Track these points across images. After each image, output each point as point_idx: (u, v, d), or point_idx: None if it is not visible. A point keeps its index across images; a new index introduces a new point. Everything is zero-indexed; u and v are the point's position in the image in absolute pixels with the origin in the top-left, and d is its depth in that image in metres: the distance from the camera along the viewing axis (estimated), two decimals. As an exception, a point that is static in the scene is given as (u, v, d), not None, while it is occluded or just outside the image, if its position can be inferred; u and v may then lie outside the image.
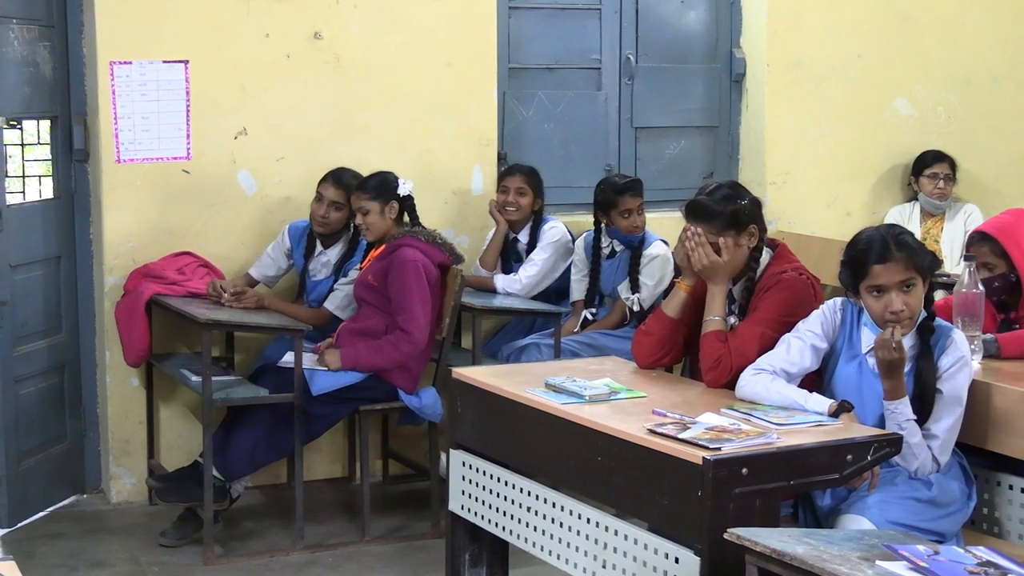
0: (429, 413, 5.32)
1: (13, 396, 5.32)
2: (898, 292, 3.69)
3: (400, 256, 5.20)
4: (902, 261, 3.70)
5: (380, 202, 5.31)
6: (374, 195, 5.32)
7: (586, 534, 3.65)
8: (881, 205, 6.92)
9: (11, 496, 5.34)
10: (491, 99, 6.20)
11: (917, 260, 3.73)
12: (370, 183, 5.37)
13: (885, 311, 3.69)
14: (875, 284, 3.71)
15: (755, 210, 4.12)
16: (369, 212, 5.31)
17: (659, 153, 6.82)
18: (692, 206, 4.11)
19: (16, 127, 5.97)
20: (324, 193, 5.56)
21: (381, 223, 5.32)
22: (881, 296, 3.71)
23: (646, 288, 5.77)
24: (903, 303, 3.69)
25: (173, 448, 5.77)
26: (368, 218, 5.32)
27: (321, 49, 5.88)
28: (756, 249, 4.10)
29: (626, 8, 6.67)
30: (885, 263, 3.70)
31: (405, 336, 5.14)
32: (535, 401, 3.84)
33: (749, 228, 4.07)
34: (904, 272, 3.70)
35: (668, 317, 4.18)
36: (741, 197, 4.10)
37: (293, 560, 5.13)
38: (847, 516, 3.57)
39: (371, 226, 5.32)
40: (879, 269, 3.70)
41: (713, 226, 4.03)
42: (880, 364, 3.68)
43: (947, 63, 7.01)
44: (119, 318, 5.51)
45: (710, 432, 3.40)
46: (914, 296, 3.71)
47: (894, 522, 3.55)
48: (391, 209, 5.32)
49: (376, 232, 5.33)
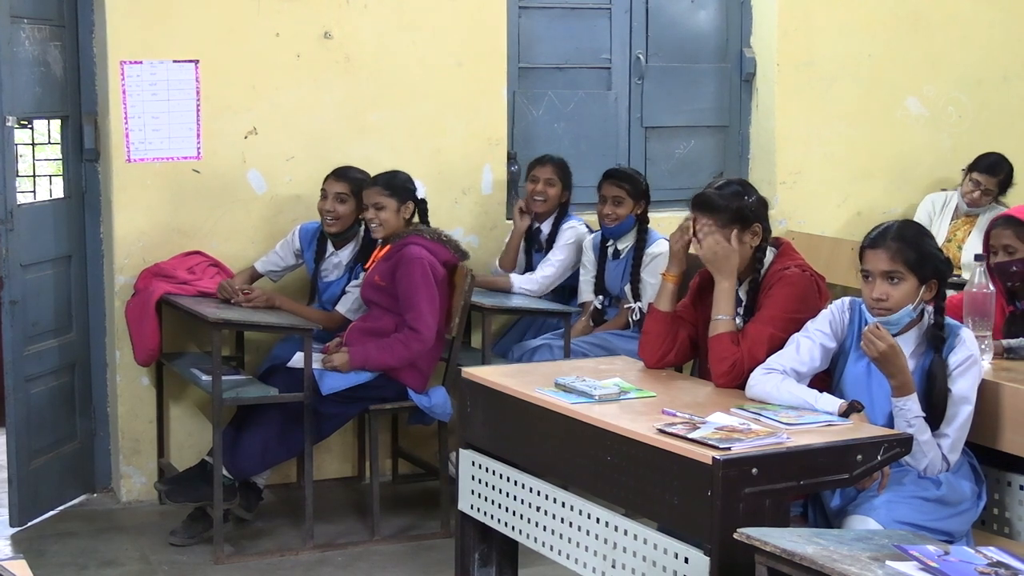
0: (439, 412, 5.31)
1: (24, 395, 5.33)
2: (882, 280, 3.71)
3: (406, 254, 5.19)
4: (891, 251, 3.71)
5: (397, 200, 5.30)
6: (392, 192, 5.30)
7: (596, 534, 3.65)
8: (892, 205, 6.90)
9: (22, 495, 5.35)
10: (501, 99, 6.20)
11: (909, 257, 3.71)
12: (390, 180, 5.33)
13: (870, 296, 3.73)
14: (863, 268, 3.77)
15: (761, 209, 4.12)
16: (385, 208, 5.28)
17: (669, 153, 6.82)
18: (700, 198, 4.12)
19: (27, 127, 5.99)
20: (328, 189, 5.56)
21: (394, 221, 5.30)
22: (867, 283, 3.76)
23: (649, 287, 5.75)
24: (884, 292, 3.71)
25: (183, 447, 5.78)
26: (382, 214, 5.28)
27: (331, 49, 5.89)
28: (760, 249, 4.09)
29: (636, 8, 6.67)
30: (875, 248, 3.75)
31: (414, 334, 5.14)
32: (545, 401, 3.84)
33: (753, 226, 4.07)
34: (889, 263, 3.71)
35: (660, 311, 4.19)
36: (749, 195, 4.11)
37: (303, 559, 5.14)
38: (853, 517, 3.57)
39: (384, 222, 5.29)
40: (869, 253, 3.76)
41: (719, 219, 4.03)
42: (876, 360, 3.68)
43: (958, 62, 7.00)
44: (129, 317, 5.52)
45: (720, 432, 3.40)
46: (898, 290, 3.71)
47: (902, 522, 3.55)
48: (406, 209, 5.32)
49: (387, 229, 5.30)
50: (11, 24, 5.18)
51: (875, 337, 3.64)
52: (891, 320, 3.72)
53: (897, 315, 3.73)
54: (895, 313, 3.72)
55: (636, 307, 5.74)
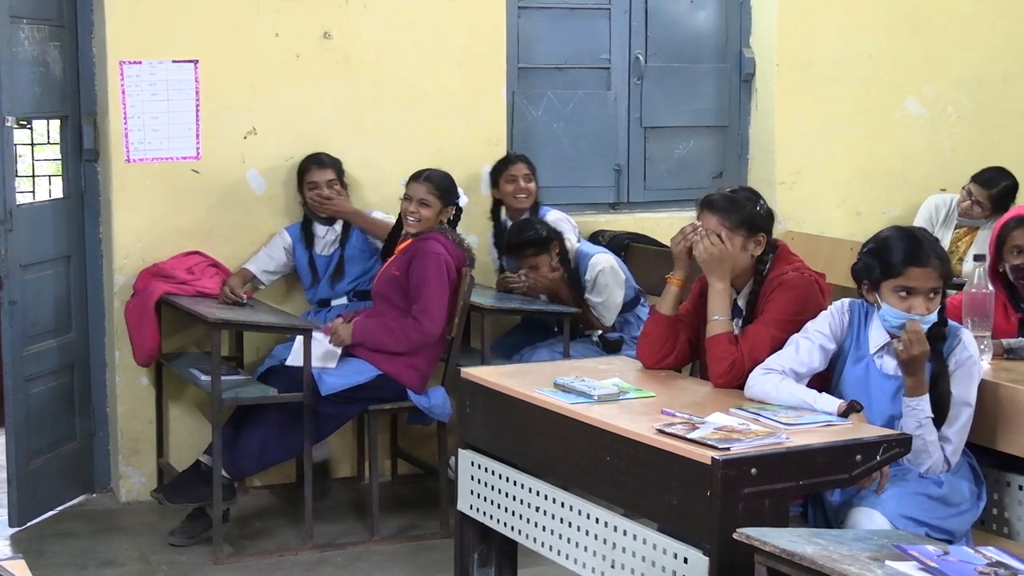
0: (438, 413, 5.32)
1: (23, 395, 5.33)
2: (925, 298, 3.68)
3: (425, 247, 5.20)
4: (938, 268, 3.70)
5: (442, 203, 5.30)
6: (441, 194, 5.30)
7: (595, 534, 3.65)
8: (891, 205, 6.90)
9: (21, 495, 5.35)
10: (500, 99, 6.20)
11: (946, 269, 3.74)
12: (441, 181, 5.33)
13: (908, 312, 3.68)
14: (907, 285, 3.68)
15: (768, 219, 4.12)
16: (429, 206, 5.27)
17: (668, 153, 6.82)
18: (712, 197, 4.11)
19: (26, 127, 5.99)
20: (317, 180, 5.69)
21: (432, 221, 5.29)
22: (908, 298, 3.69)
23: (600, 306, 5.71)
24: (926, 309, 3.68)
25: (182, 447, 5.78)
26: (424, 211, 5.26)
27: (331, 49, 5.89)
28: (761, 260, 4.09)
29: (635, 8, 6.67)
30: (923, 267, 3.68)
31: (415, 324, 5.15)
32: (544, 401, 3.84)
33: (758, 235, 4.06)
34: (937, 280, 3.69)
35: (663, 315, 4.17)
36: (758, 203, 4.11)
37: (302, 559, 5.14)
38: (859, 509, 3.56)
39: (424, 219, 5.26)
40: (917, 272, 3.68)
41: (728, 220, 4.02)
42: (905, 361, 3.66)
43: (958, 63, 6.99)
44: (129, 318, 5.53)
45: (719, 432, 3.40)
46: (935, 304, 3.70)
47: (906, 516, 3.55)
48: (447, 212, 5.32)
49: (423, 226, 5.27)
50: (11, 24, 5.18)
51: (916, 340, 3.63)
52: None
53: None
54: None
55: (597, 336, 5.73)
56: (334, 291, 5.76)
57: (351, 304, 5.74)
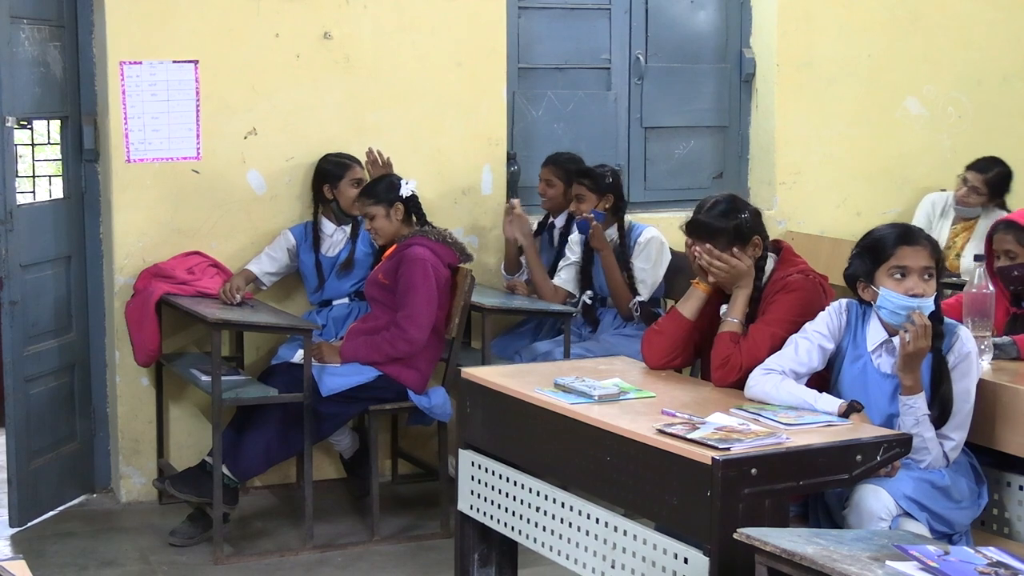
0: (438, 413, 5.32)
1: (23, 396, 5.33)
2: (920, 278, 3.71)
3: (409, 254, 5.21)
4: (928, 248, 3.76)
5: (384, 205, 5.33)
6: (377, 199, 5.34)
7: (595, 534, 3.65)
8: (891, 205, 6.90)
9: (21, 495, 5.35)
10: (501, 99, 6.20)
11: (937, 252, 3.79)
12: (372, 187, 5.41)
13: (906, 293, 3.69)
14: (900, 264, 3.73)
15: (757, 221, 4.12)
16: (375, 217, 5.34)
17: (669, 153, 6.82)
18: (693, 224, 4.10)
19: (26, 127, 5.99)
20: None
21: (388, 226, 5.34)
22: (904, 279, 3.72)
23: (643, 272, 5.72)
24: (923, 290, 3.70)
25: (183, 447, 5.78)
26: (375, 223, 5.34)
27: (331, 49, 5.89)
28: (761, 259, 4.09)
29: (636, 8, 6.67)
30: (913, 245, 3.74)
31: (400, 332, 5.15)
32: (544, 401, 3.84)
33: (753, 240, 4.07)
34: (928, 259, 3.74)
35: (684, 318, 4.16)
36: (741, 211, 4.08)
37: (303, 560, 5.14)
38: (865, 486, 3.55)
39: (379, 230, 5.36)
40: (908, 251, 3.73)
41: (717, 243, 4.03)
42: (907, 354, 3.67)
43: (958, 63, 6.99)
44: (129, 318, 5.53)
45: (719, 432, 3.40)
46: (931, 287, 3.73)
47: (910, 497, 3.58)
48: (396, 211, 5.34)
49: (385, 235, 5.36)
50: (11, 24, 5.18)
51: (923, 332, 3.65)
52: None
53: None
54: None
55: (636, 301, 5.72)
56: (341, 285, 5.74)
57: (352, 304, 5.74)
